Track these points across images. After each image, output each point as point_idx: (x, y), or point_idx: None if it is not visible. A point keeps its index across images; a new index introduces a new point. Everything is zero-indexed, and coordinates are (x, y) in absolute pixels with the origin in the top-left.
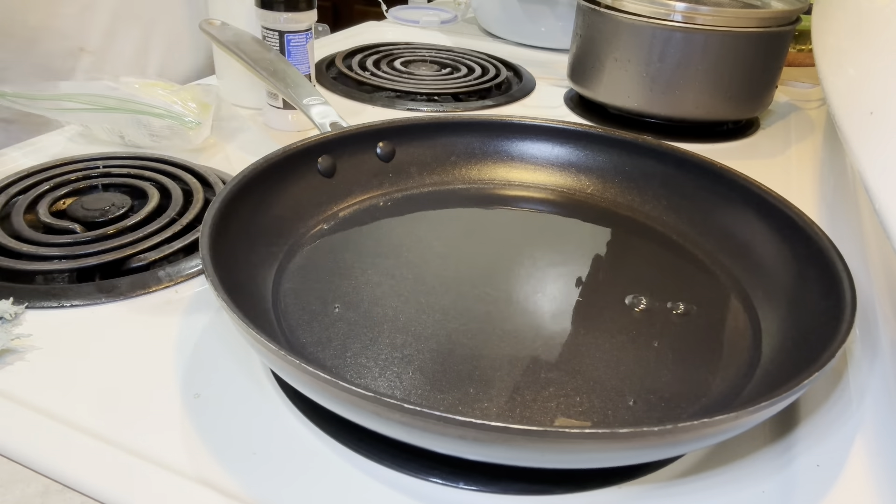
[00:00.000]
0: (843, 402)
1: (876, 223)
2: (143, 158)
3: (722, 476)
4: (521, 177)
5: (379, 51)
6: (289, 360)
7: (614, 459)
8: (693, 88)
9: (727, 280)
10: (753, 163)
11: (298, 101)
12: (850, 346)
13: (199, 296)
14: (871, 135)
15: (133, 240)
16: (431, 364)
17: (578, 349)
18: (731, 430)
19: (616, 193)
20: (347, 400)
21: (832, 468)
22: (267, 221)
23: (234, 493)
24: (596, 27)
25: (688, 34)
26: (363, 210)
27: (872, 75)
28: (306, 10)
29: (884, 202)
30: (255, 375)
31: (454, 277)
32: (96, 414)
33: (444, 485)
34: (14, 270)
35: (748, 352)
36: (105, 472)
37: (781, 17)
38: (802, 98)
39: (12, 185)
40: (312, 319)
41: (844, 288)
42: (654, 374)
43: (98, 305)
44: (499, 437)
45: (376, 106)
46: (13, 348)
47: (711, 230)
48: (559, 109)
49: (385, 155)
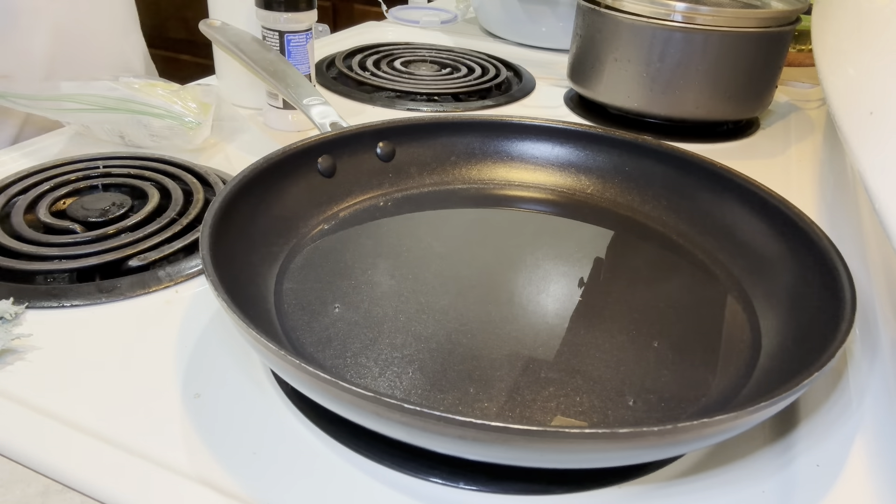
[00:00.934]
0: (843, 402)
1: (876, 223)
2: (143, 158)
3: (722, 476)
4: (521, 177)
5: (379, 51)
6: (289, 360)
7: (614, 459)
8: (693, 88)
9: (727, 280)
10: (753, 163)
11: (298, 101)
12: (850, 346)
13: (199, 296)
14: (871, 135)
15: (133, 240)
16: (431, 364)
17: (578, 349)
18: (730, 430)
19: (616, 193)
20: (347, 400)
21: (832, 468)
22: (267, 221)
23: (234, 493)
24: (596, 27)
25: (688, 34)
26: (363, 210)
27: (872, 75)
28: (306, 10)
29: (884, 202)
30: (255, 375)
31: (454, 277)
32: (96, 414)
33: (444, 485)
34: (14, 270)
35: (748, 352)
36: (105, 472)
37: (781, 17)
38: (802, 98)
39: (12, 185)
40: (312, 319)
41: (844, 288)
42: (654, 374)
43: (98, 305)
44: (498, 437)
45: (376, 106)
46: (13, 348)
47: (711, 230)
48: (559, 109)
49: (385, 155)
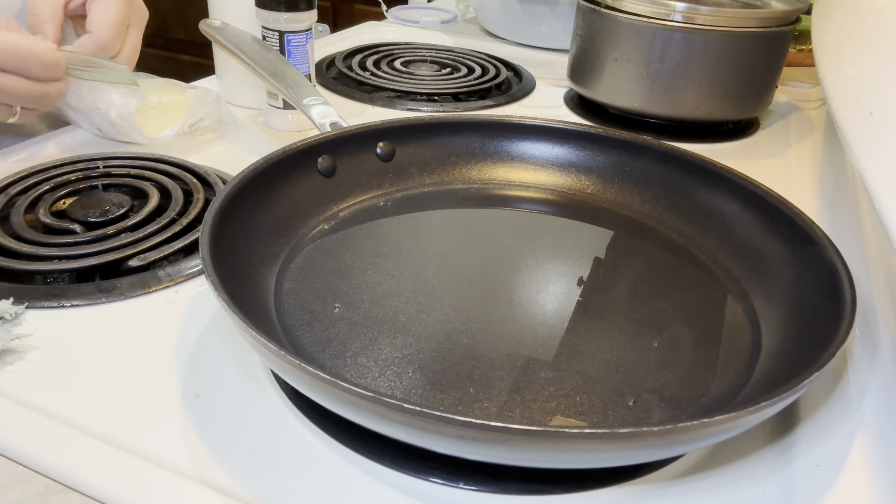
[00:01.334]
0: (843, 402)
1: (876, 223)
2: (143, 158)
3: (722, 476)
4: (521, 177)
5: (379, 51)
6: (289, 361)
7: (614, 459)
8: (693, 88)
9: (727, 280)
10: (753, 163)
11: (298, 101)
12: (850, 345)
13: (199, 296)
14: (871, 135)
15: (133, 240)
16: (431, 364)
17: (578, 349)
18: (731, 430)
19: (616, 193)
20: (348, 400)
21: (832, 468)
22: (267, 221)
23: (234, 493)
24: (596, 27)
25: (688, 34)
26: (363, 210)
27: (872, 75)
28: (306, 10)
29: (884, 202)
30: (255, 375)
31: (454, 277)
32: (96, 414)
33: (444, 485)
34: (14, 270)
35: (748, 351)
36: (105, 472)
37: (781, 17)
38: (802, 98)
39: (12, 185)
40: (312, 319)
41: (844, 288)
42: (654, 373)
43: (98, 305)
44: (499, 436)
45: (376, 106)
46: (13, 348)
47: (711, 230)
48: (559, 109)
49: (385, 155)
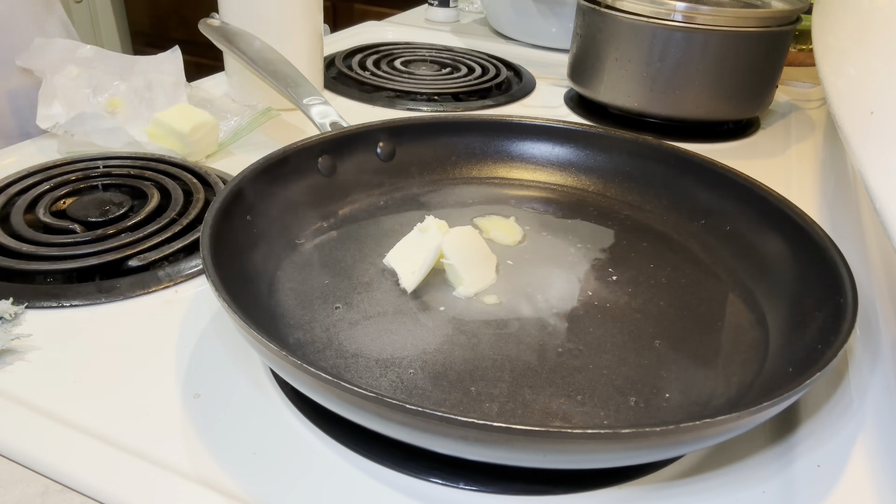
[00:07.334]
0: (844, 403)
1: (876, 223)
2: (143, 158)
3: (722, 476)
4: (522, 176)
5: (379, 51)
6: (289, 360)
7: (616, 459)
8: (693, 88)
9: (728, 279)
10: (754, 162)
11: (298, 100)
12: (851, 346)
13: (199, 296)
14: (872, 134)
15: (133, 240)
16: (432, 364)
17: (579, 349)
18: (731, 430)
19: (617, 193)
20: (349, 400)
21: (833, 469)
22: (267, 221)
23: (234, 493)
24: (596, 27)
25: (688, 34)
26: (363, 209)
27: (873, 75)
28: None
29: (884, 202)
30: (255, 375)
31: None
32: (96, 414)
33: (444, 485)
34: (14, 270)
35: (749, 351)
36: (105, 472)
37: (781, 16)
38: (803, 98)
39: (12, 185)
40: (313, 319)
41: (845, 288)
42: (655, 373)
43: (98, 305)
44: (501, 437)
45: (376, 106)
46: (13, 348)
47: (712, 230)
48: (559, 109)
49: (385, 155)
